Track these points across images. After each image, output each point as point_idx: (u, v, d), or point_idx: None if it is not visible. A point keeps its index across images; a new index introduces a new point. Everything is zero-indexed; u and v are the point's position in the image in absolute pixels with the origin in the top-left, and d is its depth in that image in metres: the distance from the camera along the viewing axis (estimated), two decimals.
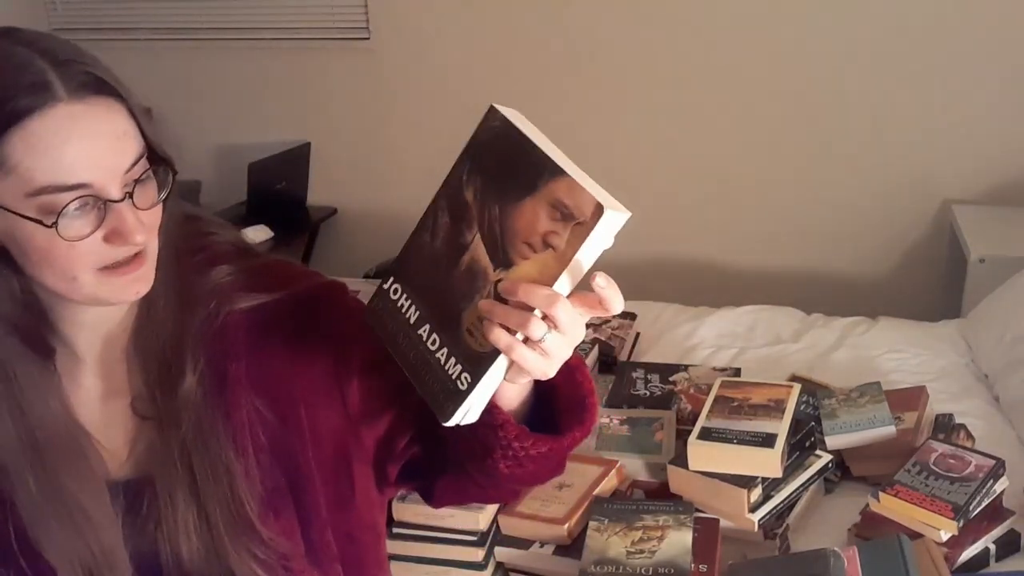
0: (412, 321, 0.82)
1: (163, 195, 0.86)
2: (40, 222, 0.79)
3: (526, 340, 0.74)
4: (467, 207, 0.80)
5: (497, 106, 0.81)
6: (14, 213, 0.79)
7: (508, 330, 0.74)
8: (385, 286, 0.85)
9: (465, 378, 0.78)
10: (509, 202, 0.77)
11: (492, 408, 0.82)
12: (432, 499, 1.02)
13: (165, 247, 0.90)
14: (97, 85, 0.81)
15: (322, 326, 0.95)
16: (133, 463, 0.92)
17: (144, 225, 0.83)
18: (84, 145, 0.79)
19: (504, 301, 0.75)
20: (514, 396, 0.85)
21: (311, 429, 0.94)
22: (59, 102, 0.79)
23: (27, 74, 0.79)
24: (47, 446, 0.87)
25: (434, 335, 0.80)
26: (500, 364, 0.77)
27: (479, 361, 0.77)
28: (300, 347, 0.93)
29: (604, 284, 0.77)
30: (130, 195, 0.82)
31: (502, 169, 0.79)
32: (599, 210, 0.73)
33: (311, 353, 0.93)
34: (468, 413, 0.79)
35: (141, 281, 0.86)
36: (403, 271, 0.85)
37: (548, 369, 0.76)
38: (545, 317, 0.74)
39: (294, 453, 0.93)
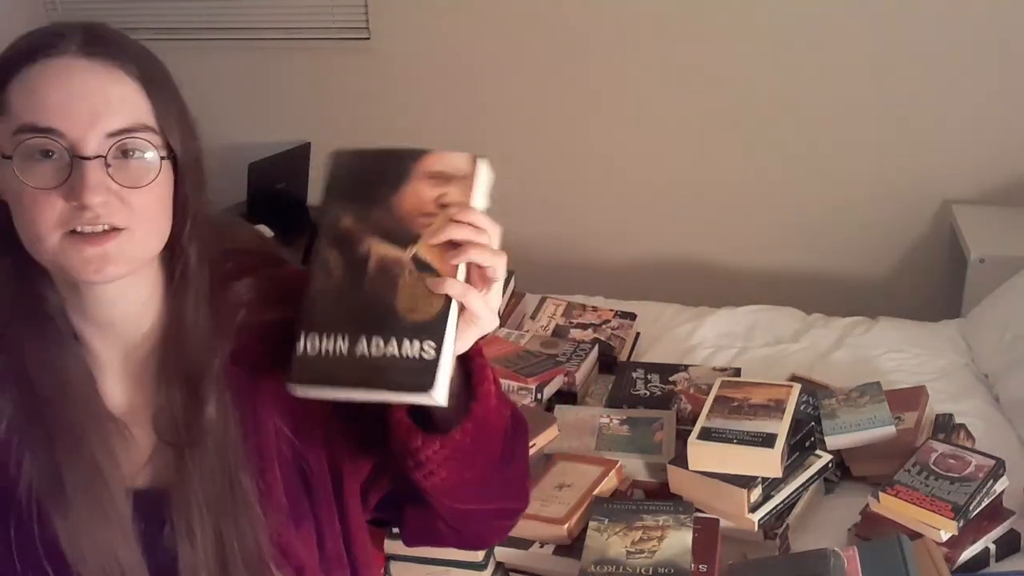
0: (345, 352, 0.82)
1: (149, 181, 0.83)
2: (10, 159, 0.80)
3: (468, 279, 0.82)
4: (350, 231, 0.85)
5: (336, 150, 0.88)
6: (2, 156, 0.81)
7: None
8: (299, 353, 0.84)
9: (429, 345, 0.81)
10: (389, 197, 0.85)
11: (393, 412, 0.86)
12: (404, 534, 1.03)
13: (199, 262, 0.89)
14: (111, 52, 0.82)
15: None
16: (151, 474, 0.91)
17: (110, 192, 0.81)
18: (69, 93, 0.80)
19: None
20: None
21: (323, 442, 0.94)
22: (64, 54, 0.81)
23: (51, 32, 0.83)
24: (63, 418, 0.86)
25: (374, 340, 0.82)
26: (453, 318, 0.82)
27: (434, 323, 0.81)
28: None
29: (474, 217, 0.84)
30: (105, 161, 0.80)
31: (367, 181, 0.86)
32: (474, 159, 0.84)
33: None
34: (444, 386, 0.81)
35: (108, 261, 0.82)
36: (310, 323, 0.84)
37: (493, 318, 0.84)
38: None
39: (310, 465, 0.94)
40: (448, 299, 0.81)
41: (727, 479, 1.59)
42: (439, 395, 0.81)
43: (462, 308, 0.82)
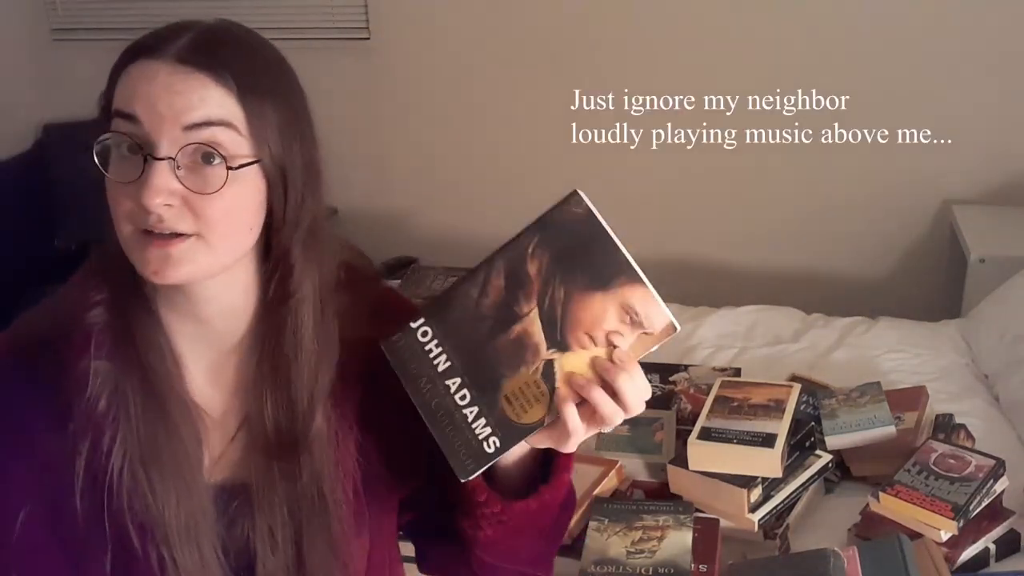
0: (441, 370, 0.84)
1: (215, 188, 0.81)
2: (106, 146, 0.82)
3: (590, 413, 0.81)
4: (528, 279, 0.82)
5: (581, 193, 0.85)
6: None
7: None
8: (414, 325, 0.85)
9: (494, 442, 0.82)
10: (577, 290, 0.82)
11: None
12: (422, 562, 1.06)
13: (304, 276, 0.89)
14: (206, 61, 0.82)
15: None
16: (223, 471, 0.92)
17: (175, 197, 0.80)
18: (150, 87, 0.81)
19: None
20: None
21: (389, 459, 0.96)
22: (160, 58, 0.81)
23: (163, 33, 0.84)
24: (162, 400, 0.87)
25: (465, 391, 0.83)
26: (531, 434, 0.83)
27: (513, 431, 0.82)
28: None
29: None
30: (176, 163, 0.80)
31: (576, 256, 0.82)
32: (671, 328, 0.81)
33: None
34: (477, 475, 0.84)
35: (170, 265, 0.81)
36: (439, 317, 0.84)
37: (573, 448, 0.85)
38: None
39: (378, 477, 0.95)
40: (543, 418, 0.82)
41: (727, 479, 1.59)
42: (466, 478, 0.84)
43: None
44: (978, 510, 1.56)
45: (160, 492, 0.86)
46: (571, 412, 0.81)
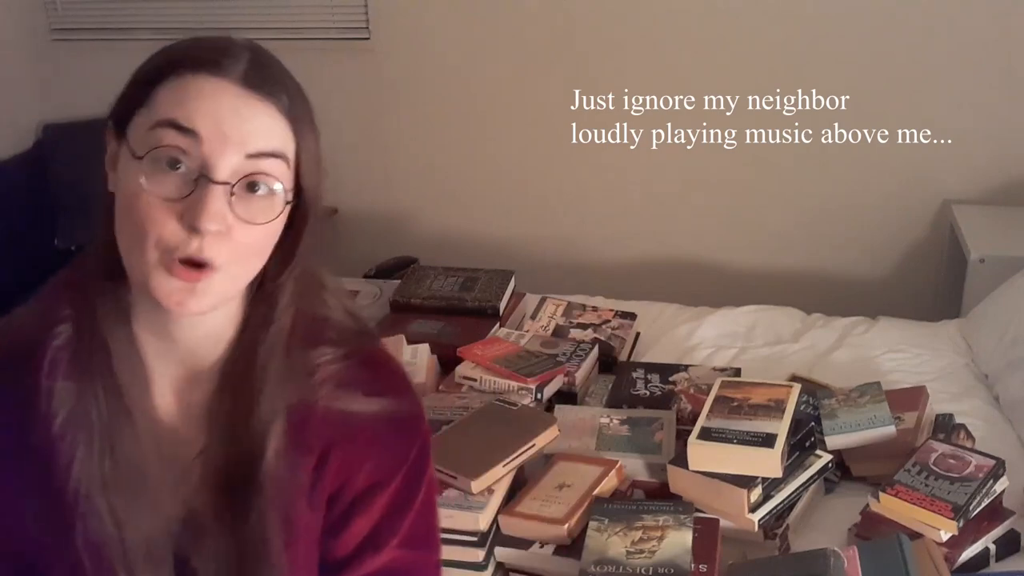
0: None
1: (267, 220, 0.81)
2: (140, 158, 0.78)
3: None
4: None
5: None
6: (129, 149, 0.79)
7: None
8: None
9: None
10: None
11: None
12: None
13: (286, 309, 0.88)
14: (269, 87, 0.81)
15: (399, 458, 0.94)
16: (181, 499, 0.90)
17: (225, 223, 0.78)
18: (218, 108, 0.79)
19: None
20: None
21: (336, 530, 0.94)
22: (226, 77, 0.80)
23: (220, 49, 0.81)
24: (125, 419, 0.85)
25: None
26: None
27: None
28: (370, 464, 0.93)
29: None
30: (232, 189, 0.79)
31: None
32: None
33: (379, 473, 0.93)
34: None
35: (193, 296, 0.79)
36: None
37: None
38: None
39: (314, 550, 0.93)
40: None
41: (727, 479, 1.59)
42: None
43: None
44: (978, 510, 1.56)
45: (121, 517, 0.84)
46: None
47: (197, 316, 0.84)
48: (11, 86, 3.51)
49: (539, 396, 2.00)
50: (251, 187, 0.80)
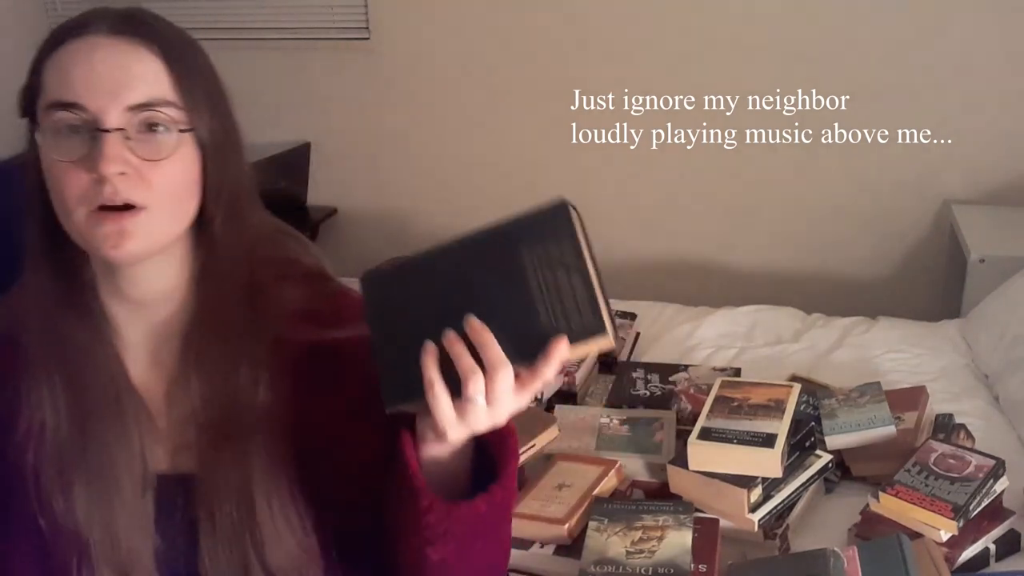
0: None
1: (168, 154, 0.84)
2: (46, 138, 0.83)
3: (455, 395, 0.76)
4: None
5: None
6: (40, 134, 0.84)
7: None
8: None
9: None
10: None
11: (412, 472, 0.82)
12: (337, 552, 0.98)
13: (231, 248, 0.90)
14: (137, 31, 0.85)
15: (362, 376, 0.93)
16: (172, 457, 0.91)
17: (129, 165, 0.82)
18: (91, 68, 0.82)
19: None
20: (443, 455, 0.84)
21: (334, 458, 0.94)
22: (91, 35, 0.84)
23: (86, 14, 0.86)
24: (90, 395, 0.88)
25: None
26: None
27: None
28: (342, 384, 0.93)
29: (542, 357, 0.77)
30: (126, 134, 0.82)
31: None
32: (608, 343, 0.77)
33: (350, 391, 0.93)
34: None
35: (126, 238, 0.83)
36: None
37: (458, 429, 0.78)
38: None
39: (322, 478, 0.93)
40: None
41: (727, 479, 1.59)
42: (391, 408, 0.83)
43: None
44: (978, 510, 1.56)
45: (83, 500, 0.86)
46: (435, 396, 0.77)
47: (139, 261, 0.86)
48: (11, 86, 3.50)
49: (539, 396, 2.00)
50: (150, 127, 0.84)
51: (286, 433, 0.91)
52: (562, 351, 0.76)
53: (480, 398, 0.76)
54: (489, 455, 0.86)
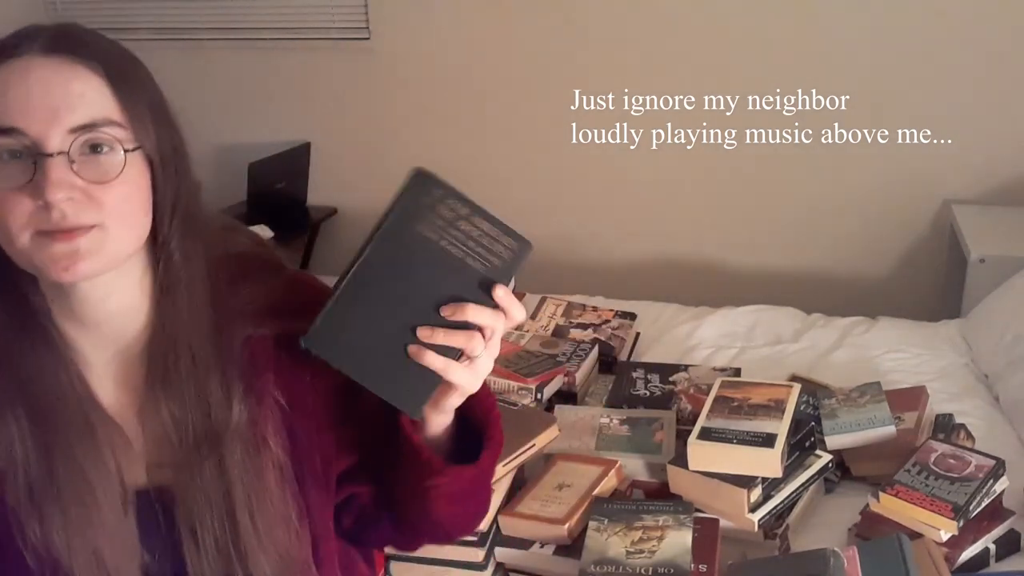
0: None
1: (115, 176, 0.81)
2: None
3: (460, 357, 0.84)
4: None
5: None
6: None
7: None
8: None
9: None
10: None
11: (419, 449, 0.90)
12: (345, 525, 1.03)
13: (188, 260, 0.88)
14: (73, 49, 0.82)
15: None
16: (147, 475, 0.90)
17: (76, 189, 0.79)
18: (28, 92, 0.80)
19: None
20: (441, 427, 0.92)
21: (318, 448, 0.95)
22: (25, 55, 0.81)
23: (17, 34, 0.83)
24: (57, 422, 0.86)
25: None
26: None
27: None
28: (316, 370, 0.93)
29: (503, 295, 0.85)
30: (69, 157, 0.79)
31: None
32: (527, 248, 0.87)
33: (324, 377, 0.93)
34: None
35: (79, 258, 0.80)
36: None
37: (476, 383, 0.87)
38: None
39: (308, 470, 0.94)
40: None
41: (727, 479, 1.59)
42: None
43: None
44: (978, 510, 1.56)
45: (63, 525, 0.85)
46: (432, 356, 0.83)
47: (92, 280, 0.84)
48: None
49: (539, 396, 2.00)
50: (94, 148, 0.81)
51: (267, 440, 0.90)
52: (507, 287, 0.85)
53: (482, 352, 0.85)
54: (468, 418, 0.94)
